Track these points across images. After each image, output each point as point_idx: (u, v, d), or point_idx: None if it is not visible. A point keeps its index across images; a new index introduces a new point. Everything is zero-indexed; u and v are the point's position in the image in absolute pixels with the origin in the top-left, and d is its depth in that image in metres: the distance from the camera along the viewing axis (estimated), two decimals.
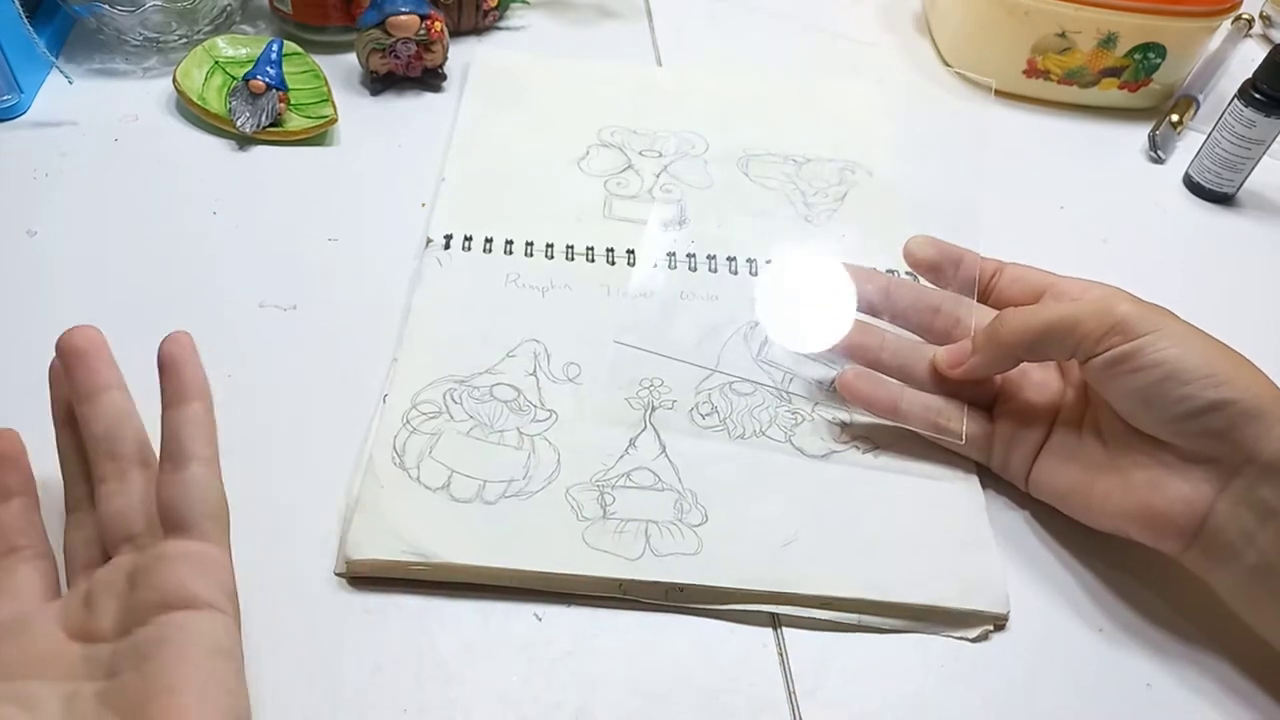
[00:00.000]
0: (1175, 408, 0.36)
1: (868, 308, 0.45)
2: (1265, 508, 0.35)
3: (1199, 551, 0.37)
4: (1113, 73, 0.65)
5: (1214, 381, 0.35)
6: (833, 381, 0.46)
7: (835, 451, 0.44)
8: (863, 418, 0.44)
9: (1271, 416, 0.35)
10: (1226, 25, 0.70)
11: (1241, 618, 0.37)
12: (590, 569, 0.38)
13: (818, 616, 0.38)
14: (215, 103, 0.57)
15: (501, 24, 0.69)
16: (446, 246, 0.51)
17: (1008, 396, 0.43)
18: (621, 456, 0.42)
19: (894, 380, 0.44)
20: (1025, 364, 0.43)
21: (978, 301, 0.45)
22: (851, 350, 0.45)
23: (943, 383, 0.43)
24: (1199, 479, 0.36)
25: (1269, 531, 0.35)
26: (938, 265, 0.46)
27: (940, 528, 0.41)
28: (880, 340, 0.45)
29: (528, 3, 0.70)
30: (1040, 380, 0.43)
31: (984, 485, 0.43)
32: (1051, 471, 0.41)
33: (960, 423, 0.42)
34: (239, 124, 0.55)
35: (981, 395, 0.44)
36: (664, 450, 0.43)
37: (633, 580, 0.38)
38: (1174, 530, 0.37)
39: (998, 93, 0.67)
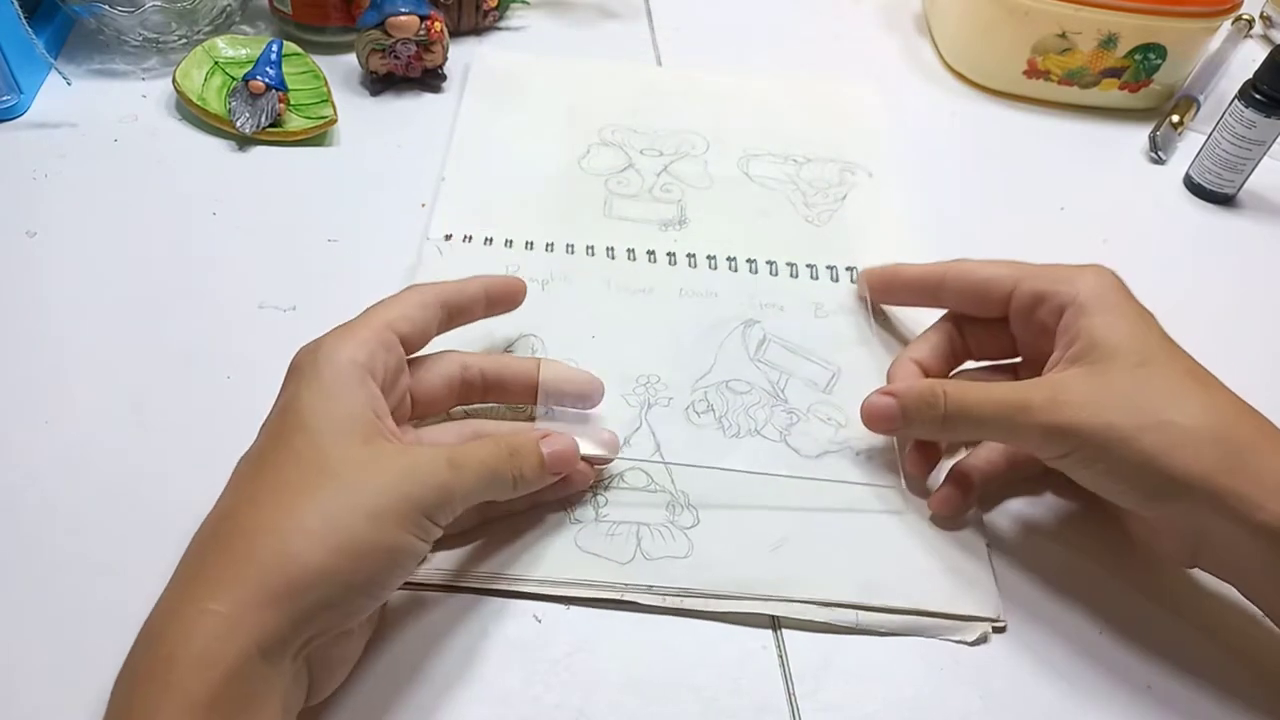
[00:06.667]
0: (1129, 501, 0.36)
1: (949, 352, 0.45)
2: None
3: (1209, 567, 0.37)
4: (1113, 73, 0.65)
5: (1161, 478, 0.34)
6: (828, 383, 0.46)
7: (829, 452, 0.43)
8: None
9: (1233, 496, 0.34)
10: (1227, 26, 0.70)
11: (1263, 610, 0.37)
12: (582, 573, 0.38)
13: (814, 619, 0.38)
14: (215, 103, 0.57)
15: (501, 24, 0.69)
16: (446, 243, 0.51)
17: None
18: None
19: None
20: None
21: (932, 305, 0.46)
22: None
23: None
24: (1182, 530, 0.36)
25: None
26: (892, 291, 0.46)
27: (931, 530, 0.41)
28: None
29: (528, 3, 0.70)
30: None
31: None
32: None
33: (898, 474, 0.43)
34: (239, 124, 0.55)
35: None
36: (658, 448, 0.43)
37: (624, 583, 0.38)
38: (1181, 561, 0.38)
39: (998, 93, 0.67)
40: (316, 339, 0.35)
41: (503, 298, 0.42)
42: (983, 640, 0.38)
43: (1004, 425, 0.38)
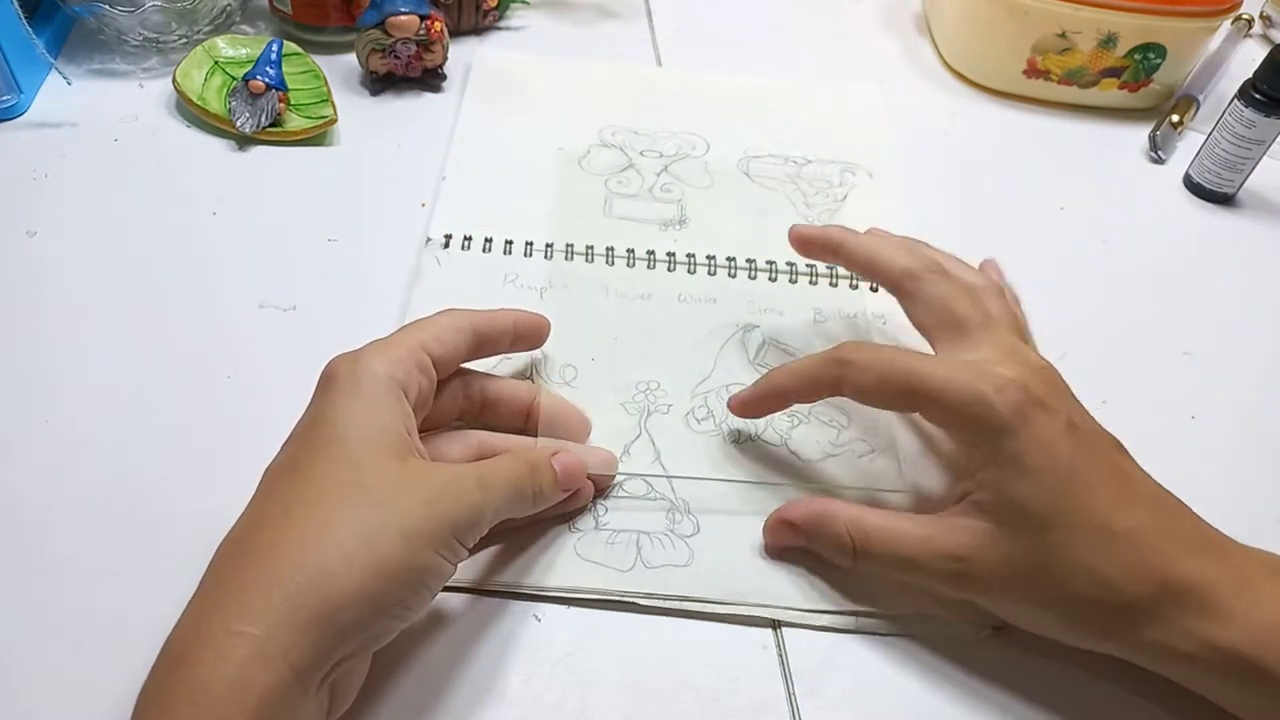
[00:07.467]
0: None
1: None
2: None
3: None
4: (1113, 73, 0.65)
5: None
6: None
7: (831, 455, 0.43)
8: (860, 420, 0.44)
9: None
10: (1226, 25, 0.70)
11: None
12: (581, 582, 0.38)
13: (814, 623, 0.38)
14: (215, 103, 0.57)
15: (501, 24, 0.69)
16: (446, 245, 0.51)
17: None
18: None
19: None
20: None
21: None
22: None
23: None
24: None
25: None
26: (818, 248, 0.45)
27: None
28: None
29: (528, 3, 0.70)
30: None
31: None
32: None
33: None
34: (239, 124, 0.55)
35: None
36: (658, 457, 0.42)
37: (623, 590, 0.38)
38: None
39: (998, 93, 0.67)
40: (354, 350, 0.35)
41: (529, 334, 0.42)
42: (983, 640, 0.38)
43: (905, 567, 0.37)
